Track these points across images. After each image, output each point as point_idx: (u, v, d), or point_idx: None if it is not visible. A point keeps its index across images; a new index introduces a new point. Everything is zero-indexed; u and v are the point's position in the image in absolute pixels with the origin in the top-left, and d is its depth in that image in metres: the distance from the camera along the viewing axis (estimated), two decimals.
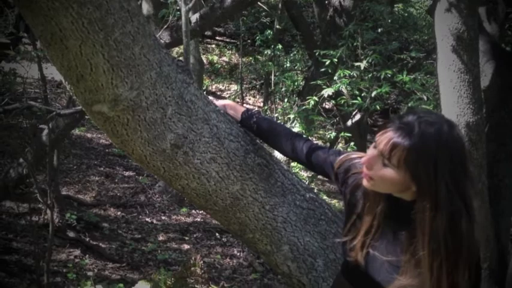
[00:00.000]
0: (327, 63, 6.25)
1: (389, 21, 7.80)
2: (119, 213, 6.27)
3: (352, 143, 7.54)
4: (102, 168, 7.43)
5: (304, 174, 8.07)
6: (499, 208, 3.42)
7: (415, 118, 1.42)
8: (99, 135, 8.51)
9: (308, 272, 2.14)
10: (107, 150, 8.11)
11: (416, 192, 1.43)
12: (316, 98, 6.51)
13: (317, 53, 6.62)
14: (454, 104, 2.71)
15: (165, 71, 1.78)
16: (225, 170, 1.97)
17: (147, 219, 6.29)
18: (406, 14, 8.01)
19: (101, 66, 1.60)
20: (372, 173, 1.48)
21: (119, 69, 1.63)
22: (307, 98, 6.70)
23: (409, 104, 6.48)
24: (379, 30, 7.38)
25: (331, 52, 6.31)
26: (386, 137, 1.42)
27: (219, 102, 2.10)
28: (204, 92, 2.42)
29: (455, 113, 2.70)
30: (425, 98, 6.22)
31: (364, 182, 1.52)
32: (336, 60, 6.26)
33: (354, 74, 6.27)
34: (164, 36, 4.85)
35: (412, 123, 1.41)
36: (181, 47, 7.18)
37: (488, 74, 3.80)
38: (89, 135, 8.55)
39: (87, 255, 5.04)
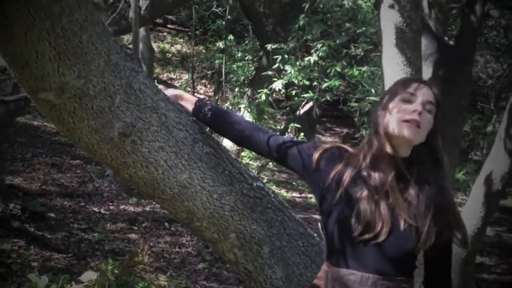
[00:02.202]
0: (279, 59, 6.32)
1: (339, 14, 7.91)
2: (65, 202, 6.17)
3: (302, 134, 7.65)
4: (48, 157, 7.29)
5: (254, 163, 8.13)
6: None
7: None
8: (46, 123, 8.33)
9: (254, 259, 2.17)
10: (53, 139, 7.94)
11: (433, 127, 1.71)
12: (267, 91, 6.57)
13: (268, 48, 6.67)
14: None
15: (114, 60, 1.78)
16: (173, 158, 1.98)
17: (94, 209, 6.21)
18: (355, 7, 8.14)
19: (47, 53, 1.58)
20: (421, 121, 1.67)
21: (65, 57, 1.62)
22: (259, 91, 6.76)
23: (357, 96, 6.63)
24: (329, 23, 7.49)
25: (282, 46, 6.37)
26: (426, 88, 1.73)
27: (170, 92, 2.09)
28: (155, 81, 2.42)
29: None
30: (373, 90, 6.37)
31: (414, 133, 1.67)
32: (286, 56, 6.35)
33: (304, 65, 6.37)
34: (113, 24, 4.79)
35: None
36: (131, 34, 7.10)
37: (430, 66, 3.93)
38: (35, 123, 8.36)
39: (32, 246, 4.95)
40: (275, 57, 6.39)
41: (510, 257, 7.41)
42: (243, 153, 7.40)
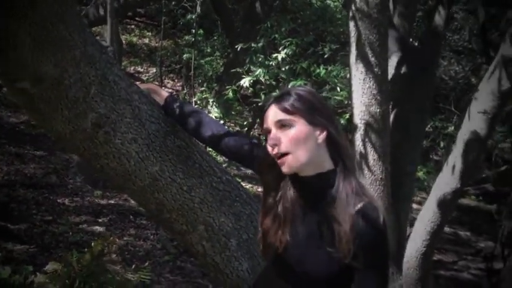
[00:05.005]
0: (247, 60, 6.38)
1: (308, 12, 8.01)
2: (29, 193, 6.09)
3: None
4: (11, 148, 7.16)
5: (222, 158, 8.16)
6: (399, 194, 3.66)
7: (287, 89, 1.67)
8: (9, 114, 8.18)
9: (222, 251, 2.22)
10: (16, 129, 7.81)
11: (319, 128, 1.59)
12: (235, 87, 6.62)
13: (238, 48, 6.71)
14: (363, 94, 2.88)
15: (90, 51, 1.80)
16: (145, 150, 2.01)
17: (58, 201, 6.15)
18: (320, 5, 8.27)
19: (26, 43, 1.60)
20: (284, 145, 1.58)
21: (43, 46, 1.64)
22: (227, 87, 6.80)
23: (323, 94, 6.73)
24: (299, 21, 7.59)
25: (252, 45, 6.43)
26: (271, 109, 1.63)
27: (143, 86, 2.13)
28: None
29: (364, 103, 2.87)
30: (338, 89, 6.48)
31: (286, 166, 1.58)
32: (257, 55, 6.41)
33: (272, 64, 6.44)
34: (84, 16, 4.76)
35: (286, 90, 1.65)
36: (100, 26, 7.05)
37: (395, 67, 4.03)
38: None
39: None
40: (244, 57, 6.46)
41: (467, 255, 7.65)
42: None
